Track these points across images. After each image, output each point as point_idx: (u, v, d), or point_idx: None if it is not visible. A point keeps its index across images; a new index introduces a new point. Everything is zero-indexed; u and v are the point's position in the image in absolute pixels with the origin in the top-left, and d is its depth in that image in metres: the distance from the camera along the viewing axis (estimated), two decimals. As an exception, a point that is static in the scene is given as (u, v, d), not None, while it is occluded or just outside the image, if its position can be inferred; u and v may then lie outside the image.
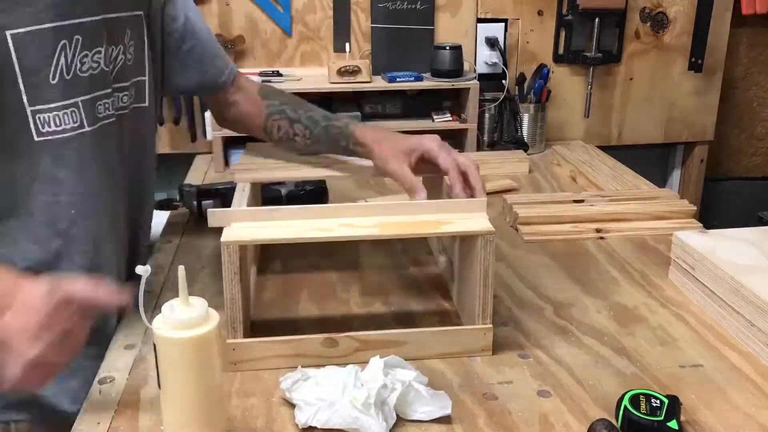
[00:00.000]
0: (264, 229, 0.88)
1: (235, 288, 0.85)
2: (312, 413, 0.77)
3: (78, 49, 0.89)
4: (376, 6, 1.85)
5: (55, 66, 0.87)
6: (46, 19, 0.85)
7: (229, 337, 0.87)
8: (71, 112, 0.89)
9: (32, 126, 0.86)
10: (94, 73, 0.91)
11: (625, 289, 1.10)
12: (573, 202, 1.39)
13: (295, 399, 0.79)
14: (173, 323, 0.69)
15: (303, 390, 0.80)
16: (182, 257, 1.21)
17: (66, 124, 0.89)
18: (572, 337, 0.97)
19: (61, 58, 0.87)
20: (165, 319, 0.70)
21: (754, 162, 2.27)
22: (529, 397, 0.83)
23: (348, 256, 1.20)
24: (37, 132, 0.87)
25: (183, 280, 0.70)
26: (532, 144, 1.87)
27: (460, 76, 1.80)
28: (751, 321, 0.92)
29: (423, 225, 0.91)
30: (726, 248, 1.04)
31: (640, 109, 2.05)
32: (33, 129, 0.87)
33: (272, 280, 1.13)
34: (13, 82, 0.84)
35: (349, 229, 0.89)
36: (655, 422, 0.73)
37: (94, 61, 0.91)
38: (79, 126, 0.90)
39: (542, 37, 1.95)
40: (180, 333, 0.69)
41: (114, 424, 0.79)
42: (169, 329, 0.69)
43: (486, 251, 0.87)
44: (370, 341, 0.90)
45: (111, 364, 0.90)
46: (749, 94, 2.19)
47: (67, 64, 0.88)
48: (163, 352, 0.70)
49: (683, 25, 1.99)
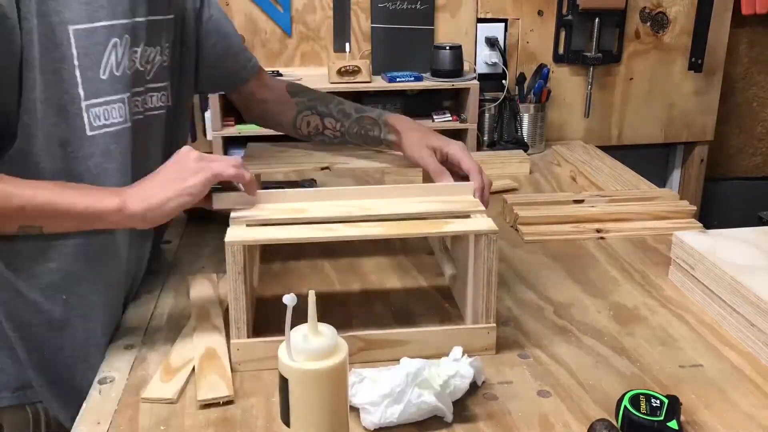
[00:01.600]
0: (267, 230, 0.89)
1: (239, 288, 0.85)
2: (381, 412, 0.76)
3: (126, 47, 0.92)
4: (376, 6, 1.85)
5: (105, 62, 0.90)
6: (101, 16, 0.88)
7: (233, 338, 0.88)
8: (118, 107, 0.93)
9: (86, 120, 0.89)
10: (139, 70, 0.96)
11: (625, 289, 1.10)
12: (573, 202, 1.39)
13: (357, 403, 0.78)
14: (307, 354, 0.65)
15: (363, 392, 0.78)
16: (182, 257, 1.21)
17: (114, 118, 0.92)
18: (572, 337, 0.97)
19: (111, 55, 0.90)
20: (297, 349, 0.65)
21: (754, 162, 2.27)
22: (529, 397, 0.83)
23: (348, 256, 1.20)
24: (90, 126, 0.90)
25: (313, 306, 0.66)
26: (532, 144, 1.87)
27: (460, 76, 1.80)
28: (751, 321, 0.92)
29: (426, 225, 0.92)
30: (726, 248, 1.04)
31: (640, 109, 2.05)
32: (86, 123, 0.90)
33: (272, 280, 1.13)
34: (71, 76, 0.87)
35: (353, 229, 0.89)
36: (655, 422, 0.73)
37: (131, 60, 0.94)
38: (123, 121, 0.94)
39: (542, 37, 1.95)
40: (315, 364, 0.64)
41: (114, 424, 0.79)
42: (303, 360, 0.65)
43: (489, 250, 0.88)
44: (375, 341, 0.90)
45: (111, 364, 0.90)
46: (749, 94, 2.19)
47: (116, 61, 0.91)
48: (295, 385, 0.65)
49: (683, 25, 1.99)
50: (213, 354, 0.90)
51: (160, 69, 1.01)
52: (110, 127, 0.92)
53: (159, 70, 1.01)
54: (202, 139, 1.87)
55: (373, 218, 0.92)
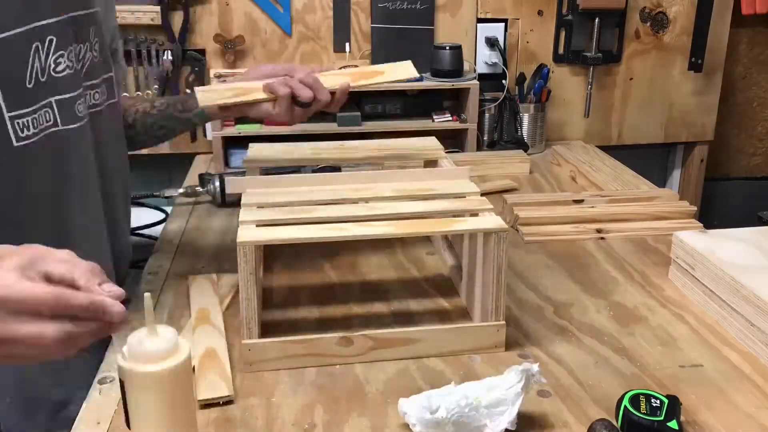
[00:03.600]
0: (278, 230, 0.89)
1: (251, 288, 0.85)
2: None
3: (53, 50, 0.88)
4: (376, 6, 1.85)
5: (30, 69, 0.86)
6: (12, 25, 0.83)
7: (244, 338, 0.88)
8: (45, 112, 0.89)
9: (11, 132, 0.85)
10: (70, 72, 0.91)
11: (625, 289, 1.10)
12: (573, 202, 1.39)
13: None
14: (142, 356, 0.63)
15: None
16: (182, 258, 1.22)
17: (41, 124, 0.88)
18: (572, 337, 0.97)
19: (35, 61, 0.86)
20: (132, 352, 0.64)
21: (754, 162, 2.27)
22: (529, 397, 0.83)
23: (348, 255, 1.21)
24: (17, 137, 0.86)
25: (150, 308, 0.65)
26: (532, 144, 1.87)
27: (460, 76, 1.80)
28: (751, 321, 0.92)
29: (436, 223, 0.93)
30: (726, 248, 1.04)
31: (640, 109, 2.05)
32: (12, 135, 0.85)
33: (272, 280, 1.13)
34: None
35: (364, 228, 0.90)
36: (655, 422, 0.73)
37: (69, 60, 0.91)
38: (52, 124, 0.90)
39: (542, 37, 1.95)
40: (150, 367, 0.63)
41: (114, 424, 0.79)
42: (138, 363, 0.63)
43: (499, 248, 0.88)
44: (385, 339, 0.90)
45: (111, 364, 0.90)
46: (749, 94, 2.19)
47: (41, 66, 0.87)
48: (132, 388, 0.64)
49: (683, 25, 1.99)
50: (213, 354, 0.90)
51: (93, 65, 0.98)
52: (39, 135, 0.88)
53: (92, 66, 0.97)
54: (202, 140, 1.87)
55: (381, 217, 0.92)
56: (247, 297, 0.86)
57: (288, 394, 0.84)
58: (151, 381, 0.64)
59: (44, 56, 0.87)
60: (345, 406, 0.82)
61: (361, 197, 0.99)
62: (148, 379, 0.64)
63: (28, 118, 0.86)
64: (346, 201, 0.98)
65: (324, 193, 1.00)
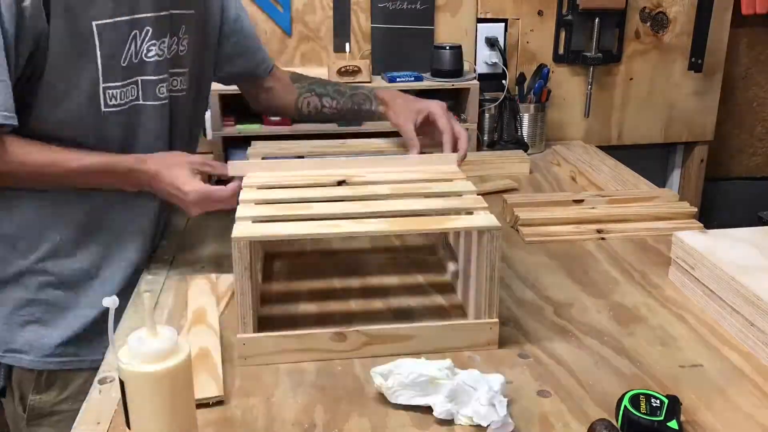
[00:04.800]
0: (273, 226, 0.90)
1: (245, 284, 0.86)
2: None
3: (147, 38, 1.06)
4: (376, 6, 1.85)
5: (126, 52, 1.04)
6: (123, 12, 1.02)
7: (239, 332, 0.88)
8: (131, 88, 1.07)
9: (101, 100, 1.04)
10: (159, 59, 1.09)
11: (625, 289, 1.10)
12: (573, 202, 1.39)
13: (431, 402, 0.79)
14: (142, 356, 0.64)
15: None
16: (182, 257, 1.21)
17: (127, 98, 1.07)
18: (572, 337, 0.97)
19: (131, 46, 1.05)
20: (133, 352, 0.64)
21: (754, 162, 2.27)
22: (529, 397, 0.83)
23: (348, 254, 1.21)
24: (105, 104, 1.04)
25: (150, 308, 0.66)
26: (532, 144, 1.87)
27: (460, 76, 1.80)
28: (751, 321, 0.92)
29: (430, 221, 0.94)
30: (726, 248, 1.04)
31: (640, 109, 2.05)
32: (102, 102, 1.04)
33: (273, 278, 1.13)
34: (93, 64, 1.01)
35: (358, 225, 0.90)
36: (655, 422, 0.74)
37: (160, 49, 1.08)
38: (135, 99, 1.08)
39: (542, 37, 1.95)
40: (150, 366, 0.64)
41: (114, 424, 0.78)
42: (138, 363, 0.64)
43: (492, 246, 0.89)
44: (379, 336, 0.91)
45: (111, 364, 0.90)
46: (749, 94, 2.19)
47: (135, 50, 1.05)
48: (132, 388, 0.65)
49: (683, 25, 1.99)
50: (206, 354, 0.90)
51: (178, 57, 1.13)
52: (123, 106, 1.06)
53: (177, 57, 1.13)
54: (202, 139, 1.86)
55: (376, 215, 0.92)
56: (242, 292, 0.86)
57: (288, 394, 0.84)
58: (151, 381, 0.64)
59: (140, 42, 1.05)
60: (345, 406, 0.82)
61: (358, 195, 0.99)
62: (147, 379, 0.64)
63: (117, 90, 1.05)
64: (343, 199, 0.98)
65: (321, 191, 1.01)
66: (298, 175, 1.06)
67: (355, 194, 1.00)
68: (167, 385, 0.65)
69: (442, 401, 0.78)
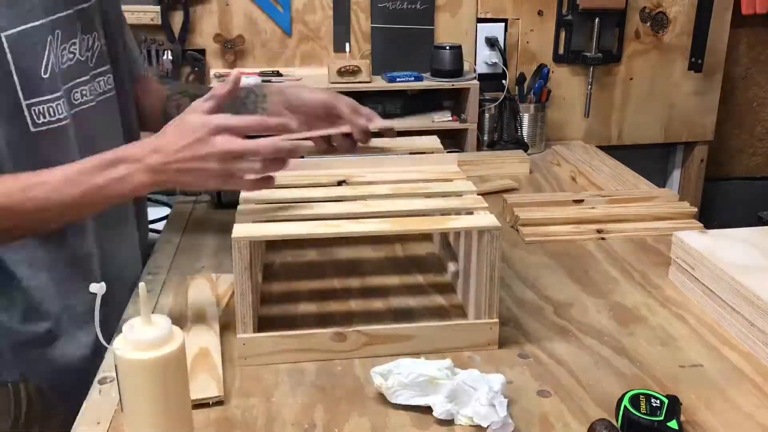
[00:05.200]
0: (273, 226, 0.90)
1: (245, 284, 0.86)
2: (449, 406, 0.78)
3: (59, 42, 0.94)
4: (376, 6, 1.85)
5: (46, 61, 0.92)
6: (32, 17, 0.90)
7: (239, 332, 0.88)
8: (63, 101, 0.95)
9: (28, 118, 0.91)
10: (71, 63, 0.97)
11: (625, 289, 1.10)
12: (573, 202, 1.39)
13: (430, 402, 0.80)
14: (135, 344, 0.65)
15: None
16: (182, 257, 1.21)
17: (60, 113, 0.94)
18: (572, 337, 0.97)
19: (51, 53, 0.92)
20: (126, 340, 0.66)
21: (754, 162, 2.27)
22: (529, 397, 0.83)
23: (348, 255, 1.20)
24: (33, 123, 0.92)
25: (144, 297, 0.66)
26: (532, 144, 1.87)
27: (460, 76, 1.80)
28: (751, 321, 0.92)
29: (431, 221, 0.94)
30: (726, 248, 1.04)
31: (640, 109, 2.05)
32: (29, 121, 0.91)
33: (273, 278, 1.13)
34: (9, 80, 0.89)
35: (358, 225, 0.90)
36: (655, 422, 0.74)
37: (70, 52, 0.97)
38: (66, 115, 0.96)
39: (542, 37, 1.95)
40: (142, 354, 0.65)
41: (114, 424, 0.78)
42: (131, 350, 0.65)
43: (492, 246, 0.89)
44: (379, 336, 0.91)
45: (111, 364, 0.90)
46: (749, 94, 2.19)
47: (55, 58, 0.93)
48: (124, 375, 0.66)
49: (683, 25, 1.99)
50: (206, 353, 0.90)
51: (101, 54, 1.04)
52: (57, 123, 0.94)
53: (100, 55, 1.04)
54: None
55: (377, 215, 0.92)
56: (241, 292, 0.86)
57: (288, 394, 0.84)
58: (144, 368, 0.65)
59: (57, 48, 0.94)
60: (345, 406, 0.82)
61: (358, 195, 0.99)
62: (141, 366, 0.65)
63: (44, 106, 0.93)
64: (343, 199, 0.99)
65: (321, 191, 1.01)
66: (298, 175, 1.05)
67: (355, 194, 1.00)
68: (160, 373, 0.66)
69: (442, 401, 0.78)
